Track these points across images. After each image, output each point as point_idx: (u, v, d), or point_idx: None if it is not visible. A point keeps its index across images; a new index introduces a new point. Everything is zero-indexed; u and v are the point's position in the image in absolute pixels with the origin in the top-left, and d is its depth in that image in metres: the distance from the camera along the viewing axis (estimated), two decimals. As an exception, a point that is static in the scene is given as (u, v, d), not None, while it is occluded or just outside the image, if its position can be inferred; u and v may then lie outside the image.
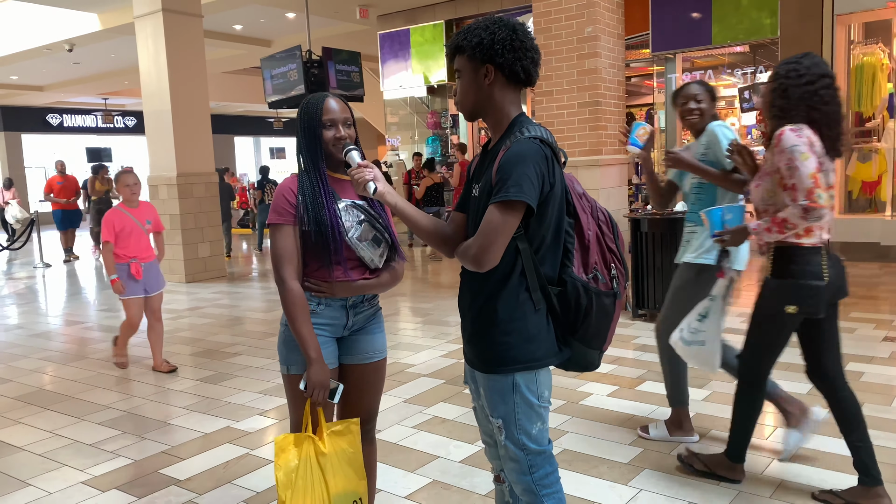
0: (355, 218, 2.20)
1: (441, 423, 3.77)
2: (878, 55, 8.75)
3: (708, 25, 9.30)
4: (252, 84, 18.98)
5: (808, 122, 2.58)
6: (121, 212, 4.78)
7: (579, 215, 1.94)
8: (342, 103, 2.23)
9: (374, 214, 2.24)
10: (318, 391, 2.11)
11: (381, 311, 2.40)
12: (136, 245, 4.77)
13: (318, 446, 2.13)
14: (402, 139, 13.32)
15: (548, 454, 2.00)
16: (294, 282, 2.14)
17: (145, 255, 4.84)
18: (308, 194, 2.16)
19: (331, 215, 2.15)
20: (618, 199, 6.44)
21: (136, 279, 4.78)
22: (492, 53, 1.85)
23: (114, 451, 3.61)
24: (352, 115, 2.26)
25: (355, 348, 2.31)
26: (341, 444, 2.17)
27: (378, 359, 2.36)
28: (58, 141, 23.33)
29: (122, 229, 4.71)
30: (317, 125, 2.18)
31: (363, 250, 2.21)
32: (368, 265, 2.24)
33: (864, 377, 4.16)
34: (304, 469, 2.11)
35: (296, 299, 2.13)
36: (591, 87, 6.11)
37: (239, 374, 4.87)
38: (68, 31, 12.82)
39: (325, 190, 2.17)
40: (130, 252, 4.74)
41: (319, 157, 2.19)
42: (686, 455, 3.08)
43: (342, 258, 2.17)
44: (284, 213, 2.16)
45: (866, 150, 8.91)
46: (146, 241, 4.85)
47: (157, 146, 9.30)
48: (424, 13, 12.01)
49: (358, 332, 2.32)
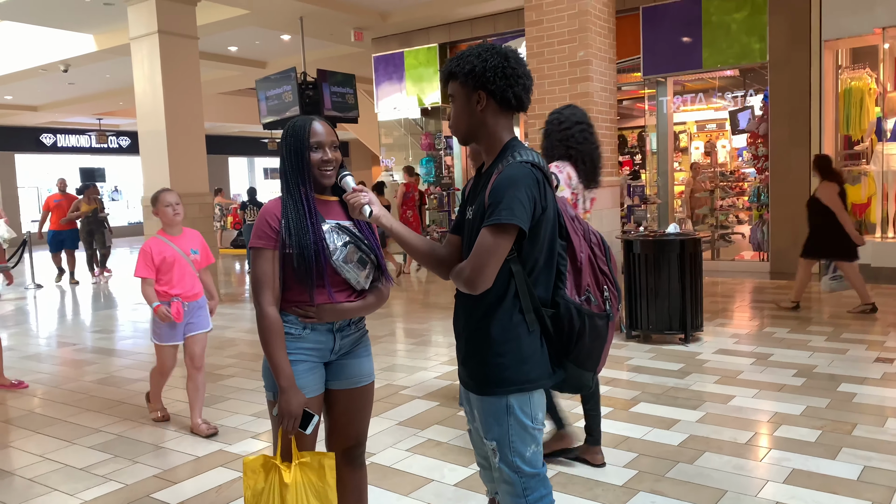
0: (340, 240, 2.19)
1: (435, 445, 3.75)
2: (866, 80, 8.88)
3: (698, 50, 9.42)
4: (247, 105, 19.06)
5: (567, 159, 3.49)
6: (160, 240, 4.02)
7: (571, 238, 1.97)
8: (328, 126, 2.23)
9: (359, 236, 2.23)
10: (287, 420, 2.08)
11: (367, 334, 2.40)
12: (180, 280, 3.98)
13: (283, 475, 2.09)
14: (397, 160, 13.37)
15: (542, 476, 2.00)
16: (271, 307, 2.13)
17: (191, 293, 4.05)
18: (292, 217, 2.15)
19: (316, 237, 2.14)
20: (610, 221, 6.49)
21: (176, 322, 4.00)
22: (484, 80, 1.89)
23: (105, 475, 3.57)
24: (336, 137, 2.26)
25: (343, 373, 2.30)
26: (310, 476, 2.12)
27: (366, 383, 2.34)
28: (51, 161, 23.30)
29: (162, 261, 3.95)
30: (304, 147, 2.17)
31: (348, 272, 2.19)
32: (354, 287, 2.23)
33: (857, 398, 4.18)
34: (267, 495, 2.09)
35: (271, 325, 2.12)
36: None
37: (231, 397, 4.84)
38: (64, 52, 12.86)
39: (310, 212, 2.16)
40: (173, 288, 3.97)
41: (306, 179, 2.18)
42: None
43: (326, 281, 2.16)
44: (265, 236, 2.15)
45: (855, 172, 9.01)
46: (192, 276, 4.05)
47: (151, 167, 9.30)
48: (418, 36, 12.13)
49: (345, 356, 2.30)
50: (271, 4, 10.00)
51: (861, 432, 3.64)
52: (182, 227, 4.12)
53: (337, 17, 10.86)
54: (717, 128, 11.56)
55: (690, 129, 11.71)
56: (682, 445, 3.58)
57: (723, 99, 10.68)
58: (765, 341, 5.68)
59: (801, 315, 6.63)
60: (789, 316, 6.60)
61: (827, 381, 4.54)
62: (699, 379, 4.73)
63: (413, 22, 11.62)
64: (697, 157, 11.46)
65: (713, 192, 10.51)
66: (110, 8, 10.02)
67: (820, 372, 4.75)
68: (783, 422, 3.85)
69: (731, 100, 10.29)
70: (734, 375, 4.77)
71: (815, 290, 7.97)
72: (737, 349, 5.49)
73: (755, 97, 9.81)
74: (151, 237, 4.08)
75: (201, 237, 4.24)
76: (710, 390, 4.48)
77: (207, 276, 4.21)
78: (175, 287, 3.98)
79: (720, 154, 11.32)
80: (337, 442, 2.33)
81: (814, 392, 4.33)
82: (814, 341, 5.60)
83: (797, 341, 5.62)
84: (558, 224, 1.95)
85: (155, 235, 4.08)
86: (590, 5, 6.12)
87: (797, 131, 8.90)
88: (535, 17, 6.34)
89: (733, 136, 10.70)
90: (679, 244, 5.63)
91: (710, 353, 5.37)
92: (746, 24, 9.08)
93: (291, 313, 2.18)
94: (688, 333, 5.67)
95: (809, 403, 4.12)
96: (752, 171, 10.10)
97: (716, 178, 10.58)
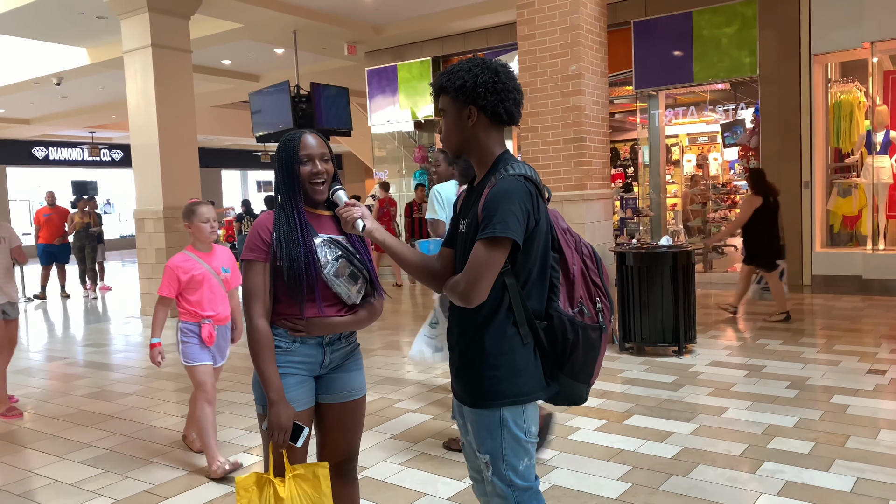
0: (332, 254, 2.18)
1: (429, 459, 3.73)
2: (855, 93, 8.98)
3: (689, 64, 9.50)
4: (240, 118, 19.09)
5: None
6: (189, 257, 3.65)
7: (564, 250, 1.97)
8: (319, 139, 2.23)
9: (351, 250, 2.22)
10: (277, 433, 2.07)
11: (359, 348, 2.38)
12: (210, 300, 3.62)
13: (277, 490, 2.08)
14: (390, 173, 13.41)
15: (535, 490, 1.99)
16: (261, 320, 2.13)
17: (223, 316, 3.70)
18: (283, 230, 2.15)
19: (307, 251, 2.14)
20: (603, 233, 6.50)
21: (207, 346, 3.64)
22: (475, 96, 1.90)
23: (95, 490, 3.53)
24: (329, 150, 2.25)
25: (334, 387, 2.28)
26: (304, 488, 2.11)
27: (357, 397, 2.32)
28: (43, 174, 23.23)
29: (190, 280, 3.59)
30: (294, 161, 2.18)
31: (339, 286, 2.19)
32: (345, 301, 2.22)
33: (850, 409, 4.19)
34: None
35: (261, 338, 2.12)
36: (575, 123, 6.21)
37: (224, 411, 4.81)
38: (57, 65, 12.87)
39: (301, 225, 2.16)
40: (203, 308, 3.61)
41: (297, 193, 2.19)
42: (447, 441, 3.86)
43: (317, 294, 2.16)
44: (257, 249, 2.16)
45: (846, 185, 9.09)
46: (222, 296, 3.69)
47: (144, 179, 9.29)
48: (412, 50, 12.20)
49: (336, 369, 2.28)
50: (265, 18, 10.04)
51: (854, 444, 3.65)
52: (212, 243, 3.73)
53: (330, 30, 10.92)
54: (708, 140, 11.63)
55: (682, 142, 11.79)
56: (675, 458, 3.58)
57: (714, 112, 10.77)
58: (758, 353, 5.69)
59: (793, 327, 6.65)
60: (782, 328, 6.62)
61: (820, 393, 4.55)
62: (693, 391, 4.73)
63: (406, 36, 11.69)
64: (689, 170, 11.52)
65: (705, 204, 10.56)
66: (103, 21, 10.05)
67: (813, 384, 4.76)
68: (776, 434, 3.85)
69: (723, 113, 10.37)
70: (727, 387, 4.77)
71: (806, 301, 8.01)
72: (730, 361, 5.49)
73: (746, 110, 9.89)
74: (179, 253, 3.68)
75: (232, 255, 3.85)
76: (703, 402, 4.48)
77: (235, 302, 3.81)
78: (206, 308, 3.61)
79: (712, 167, 11.39)
80: (328, 456, 2.31)
81: (807, 404, 4.33)
82: (806, 353, 5.61)
83: (790, 353, 5.63)
84: (550, 236, 1.96)
85: (183, 251, 3.69)
86: (581, 19, 6.17)
87: (788, 144, 8.98)
88: (527, 31, 6.38)
89: (724, 149, 10.77)
90: (672, 256, 5.64)
91: (704, 365, 5.38)
92: (737, 38, 9.17)
93: (281, 326, 2.18)
94: (681, 345, 5.67)
95: (802, 415, 4.12)
96: (744, 184, 10.16)
97: (707, 190, 10.64)
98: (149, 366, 6.27)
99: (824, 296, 8.29)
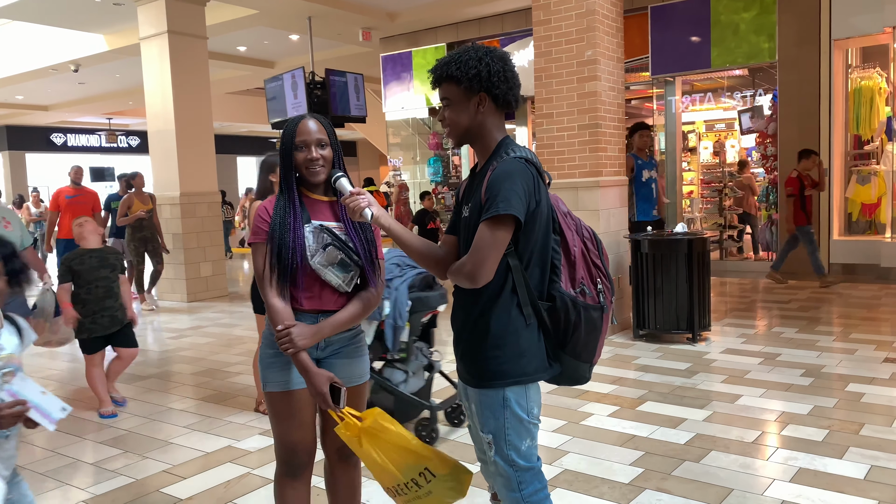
0: (321, 242, 2.17)
1: (439, 443, 3.76)
2: (876, 79, 8.84)
3: (707, 49, 9.40)
4: (256, 105, 19.13)
5: None
6: None
7: (564, 232, 2.00)
8: (319, 124, 2.20)
9: (343, 239, 2.20)
10: (319, 400, 2.11)
11: (362, 334, 2.38)
12: None
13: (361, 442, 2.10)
14: (404, 159, 13.41)
15: (536, 471, 2.02)
16: (275, 299, 2.14)
17: None
18: (279, 216, 2.17)
19: (295, 238, 2.14)
20: (618, 220, 6.47)
21: None
22: (489, 84, 1.92)
23: (115, 469, 3.61)
24: (330, 136, 2.21)
25: (336, 373, 2.25)
26: (376, 439, 2.11)
27: (358, 383, 2.32)
28: (62, 160, 23.45)
29: None
30: (291, 147, 2.19)
31: (328, 274, 2.18)
32: (338, 290, 2.22)
33: (865, 398, 4.17)
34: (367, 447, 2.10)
35: (279, 315, 2.13)
36: (590, 109, 6.16)
37: (240, 394, 4.87)
38: (74, 52, 12.95)
39: (294, 212, 2.17)
40: None
41: (293, 179, 2.20)
42: None
43: (300, 282, 2.16)
44: (260, 232, 2.19)
45: (865, 172, 8.97)
46: None
47: (160, 166, 9.37)
48: (426, 36, 12.15)
49: (337, 356, 2.28)
50: (280, 4, 10.03)
51: (868, 432, 3.64)
52: None
53: (345, 16, 10.89)
54: (725, 127, 11.52)
55: (699, 129, 11.67)
56: (688, 444, 3.58)
57: (732, 98, 10.65)
58: (773, 341, 5.67)
59: (809, 315, 6.61)
60: (798, 316, 6.58)
61: (835, 381, 4.53)
62: (706, 378, 4.72)
63: (421, 22, 11.64)
64: (734, 156, 11.11)
65: (721, 191, 10.47)
66: (120, 8, 10.09)
67: (828, 372, 4.74)
68: (790, 421, 3.84)
69: (740, 99, 10.25)
70: (741, 375, 4.76)
71: (823, 289, 7.94)
72: (744, 349, 5.48)
73: (764, 97, 9.77)
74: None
75: None
76: (717, 389, 4.48)
77: None
78: None
79: (729, 154, 11.27)
80: (331, 441, 2.33)
81: (821, 392, 4.32)
82: (822, 341, 5.58)
83: (805, 341, 5.60)
84: (551, 219, 1.98)
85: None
86: (598, 4, 6.11)
87: (806, 131, 8.87)
88: (542, 17, 6.33)
89: (742, 136, 10.66)
90: (687, 243, 5.62)
91: (718, 353, 5.37)
92: (755, 23, 9.05)
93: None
94: (695, 333, 5.66)
95: (817, 403, 4.11)
96: (762, 172, 10.07)
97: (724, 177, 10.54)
98: (166, 349, 6.35)
99: (842, 284, 8.21)
